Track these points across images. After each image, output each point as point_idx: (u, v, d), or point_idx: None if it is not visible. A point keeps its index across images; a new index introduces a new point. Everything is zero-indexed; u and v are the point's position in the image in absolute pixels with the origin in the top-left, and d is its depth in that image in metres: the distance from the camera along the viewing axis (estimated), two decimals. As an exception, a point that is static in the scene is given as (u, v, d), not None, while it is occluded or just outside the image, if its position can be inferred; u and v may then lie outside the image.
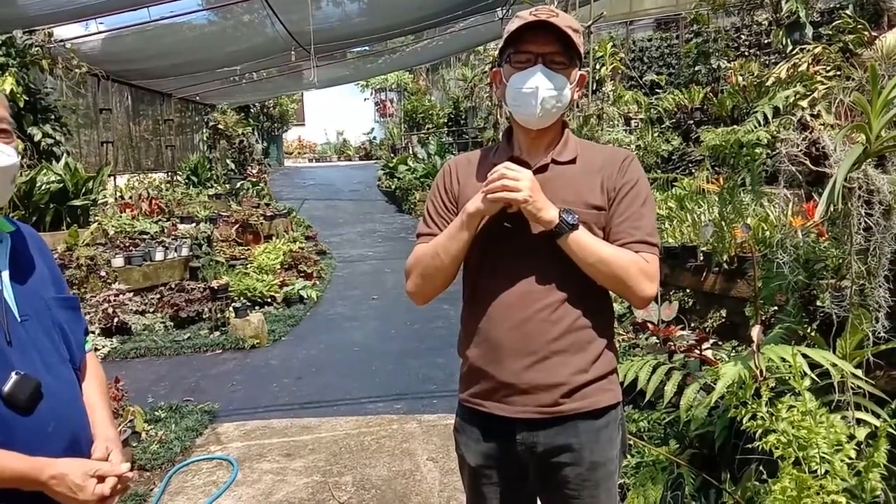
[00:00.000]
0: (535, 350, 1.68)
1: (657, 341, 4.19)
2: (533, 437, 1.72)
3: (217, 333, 6.57)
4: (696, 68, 9.54)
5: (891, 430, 2.05)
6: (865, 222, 2.21)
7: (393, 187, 16.35)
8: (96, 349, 6.00)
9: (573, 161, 1.75)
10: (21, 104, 7.46)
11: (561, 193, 1.68)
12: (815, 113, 2.40)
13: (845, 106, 2.35)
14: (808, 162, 2.21)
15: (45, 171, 7.39)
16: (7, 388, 1.36)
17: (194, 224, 9.05)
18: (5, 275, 1.46)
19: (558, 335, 1.68)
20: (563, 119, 1.81)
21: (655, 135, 8.37)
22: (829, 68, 3.10)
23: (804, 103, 2.56)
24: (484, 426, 1.79)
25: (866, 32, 3.05)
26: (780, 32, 7.13)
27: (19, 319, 1.44)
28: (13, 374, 1.37)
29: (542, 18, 1.62)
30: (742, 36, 9.24)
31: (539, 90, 1.64)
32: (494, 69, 1.82)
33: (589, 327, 1.71)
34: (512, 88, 1.69)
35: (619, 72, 9.67)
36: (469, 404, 1.81)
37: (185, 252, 8.12)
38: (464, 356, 1.82)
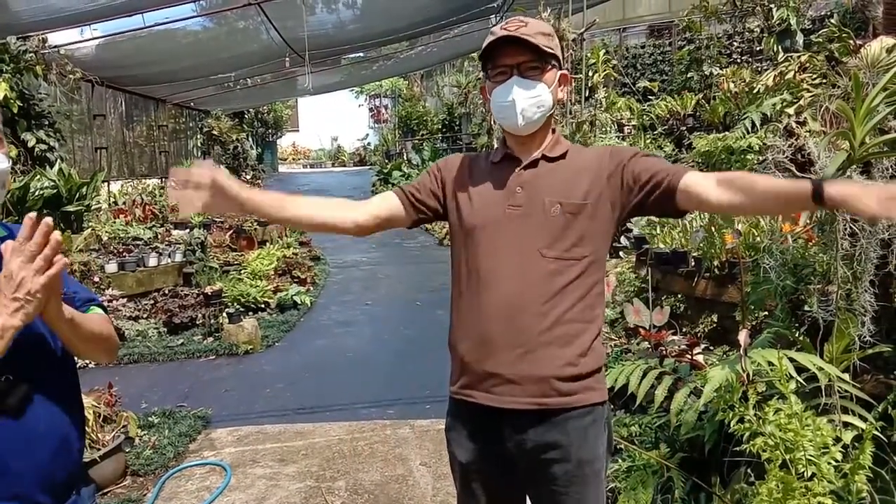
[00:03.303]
0: (524, 342, 1.71)
1: (649, 346, 4.21)
2: (522, 435, 1.75)
3: (211, 339, 6.56)
4: (689, 75, 9.61)
5: (876, 432, 2.08)
6: (851, 228, 2.25)
7: (387, 193, 16.32)
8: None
9: (563, 157, 1.81)
10: (15, 110, 7.47)
11: (550, 187, 1.75)
12: (802, 120, 2.44)
13: (831, 113, 2.39)
14: (793, 168, 2.24)
15: (38, 176, 7.40)
16: None
17: (188, 230, 9.05)
18: None
19: (547, 327, 1.71)
20: (553, 123, 1.87)
21: (648, 141, 8.42)
22: (814, 76, 3.14)
23: (790, 110, 2.60)
24: (474, 422, 1.83)
25: (851, 41, 3.09)
26: (772, 40, 7.21)
27: None
28: (2, 378, 1.37)
29: (509, 33, 1.69)
30: (734, 43, 9.31)
31: (517, 101, 1.72)
32: (482, 86, 1.91)
33: (578, 321, 1.74)
34: (495, 102, 1.78)
35: (612, 78, 9.75)
36: (458, 396, 1.84)
37: (178, 258, 8.12)
38: (454, 349, 1.86)
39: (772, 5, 7.42)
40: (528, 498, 1.91)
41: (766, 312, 3.27)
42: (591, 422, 1.77)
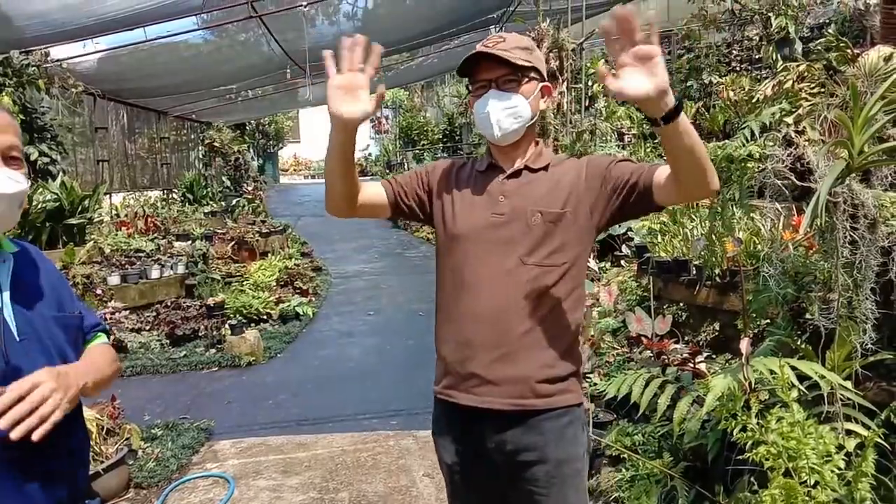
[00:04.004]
0: (504, 344, 1.78)
1: (651, 355, 4.21)
2: (502, 436, 1.81)
3: (213, 351, 6.56)
4: (688, 83, 9.62)
5: (879, 440, 2.08)
6: (851, 236, 2.26)
7: (388, 203, 16.34)
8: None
9: (545, 168, 1.87)
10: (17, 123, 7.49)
11: (532, 197, 1.81)
12: (801, 129, 2.45)
13: (829, 122, 2.40)
14: (793, 177, 2.25)
15: (41, 189, 7.42)
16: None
17: (190, 241, 9.07)
18: (6, 295, 1.48)
19: (526, 331, 1.77)
20: (535, 134, 1.93)
21: (648, 150, 8.44)
22: (813, 85, 3.16)
23: (789, 120, 2.62)
24: (457, 423, 1.89)
25: (849, 50, 3.11)
26: (770, 48, 7.24)
27: (18, 339, 1.46)
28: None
29: (486, 50, 1.78)
30: (733, 51, 9.34)
31: (492, 113, 1.80)
32: (468, 100, 1.97)
33: (556, 325, 1.80)
34: (475, 114, 1.86)
35: (612, 88, 9.74)
36: (441, 396, 1.91)
37: (180, 270, 8.13)
38: (438, 350, 1.92)
39: (770, 14, 7.44)
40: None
41: (768, 320, 3.27)
42: (568, 423, 1.82)
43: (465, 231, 1.84)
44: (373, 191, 1.93)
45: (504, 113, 1.79)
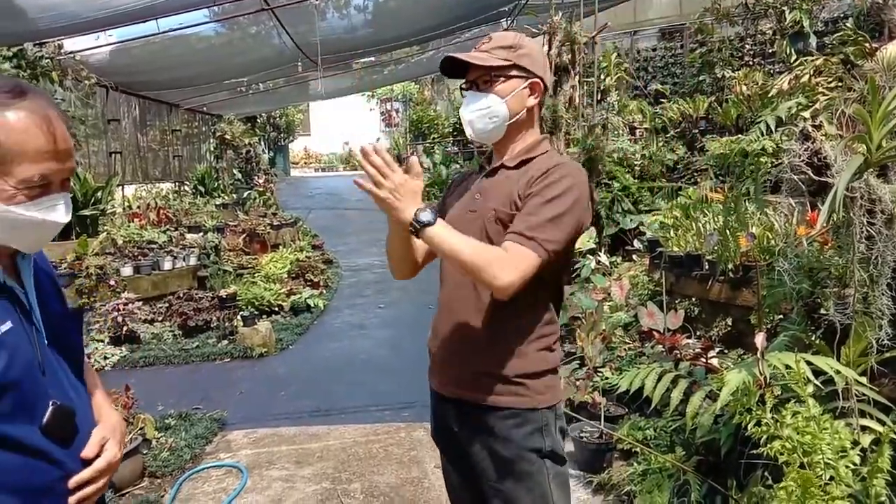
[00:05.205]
0: (456, 338, 1.86)
1: (663, 350, 4.21)
2: (462, 425, 1.89)
3: (225, 342, 6.60)
4: (701, 78, 9.59)
5: (894, 436, 2.08)
6: (868, 231, 2.25)
7: (399, 196, 16.32)
8: (106, 357, 6.07)
9: (517, 167, 1.86)
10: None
11: (496, 195, 1.84)
12: (817, 123, 2.44)
13: (847, 117, 2.39)
14: (810, 172, 2.25)
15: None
16: (45, 419, 1.33)
17: (202, 233, 9.10)
18: (32, 295, 1.40)
19: (477, 327, 1.82)
20: (525, 131, 1.90)
21: (660, 144, 8.41)
22: (830, 80, 3.14)
23: (806, 114, 2.61)
24: (435, 407, 2.02)
25: (867, 44, 3.09)
26: (784, 42, 7.19)
27: (46, 343, 1.40)
28: (50, 403, 1.34)
29: (452, 55, 1.85)
30: (746, 45, 9.29)
31: (465, 115, 1.87)
32: None
33: (505, 324, 1.81)
34: None
35: (624, 81, 9.74)
36: (428, 379, 2.04)
37: (192, 261, 8.18)
38: None
39: (784, 7, 7.40)
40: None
41: (781, 316, 3.27)
42: (517, 424, 1.81)
43: (448, 219, 1.89)
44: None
45: (477, 114, 1.83)
